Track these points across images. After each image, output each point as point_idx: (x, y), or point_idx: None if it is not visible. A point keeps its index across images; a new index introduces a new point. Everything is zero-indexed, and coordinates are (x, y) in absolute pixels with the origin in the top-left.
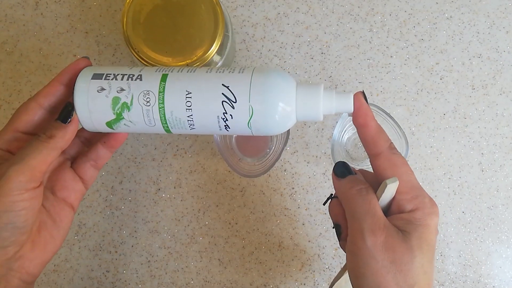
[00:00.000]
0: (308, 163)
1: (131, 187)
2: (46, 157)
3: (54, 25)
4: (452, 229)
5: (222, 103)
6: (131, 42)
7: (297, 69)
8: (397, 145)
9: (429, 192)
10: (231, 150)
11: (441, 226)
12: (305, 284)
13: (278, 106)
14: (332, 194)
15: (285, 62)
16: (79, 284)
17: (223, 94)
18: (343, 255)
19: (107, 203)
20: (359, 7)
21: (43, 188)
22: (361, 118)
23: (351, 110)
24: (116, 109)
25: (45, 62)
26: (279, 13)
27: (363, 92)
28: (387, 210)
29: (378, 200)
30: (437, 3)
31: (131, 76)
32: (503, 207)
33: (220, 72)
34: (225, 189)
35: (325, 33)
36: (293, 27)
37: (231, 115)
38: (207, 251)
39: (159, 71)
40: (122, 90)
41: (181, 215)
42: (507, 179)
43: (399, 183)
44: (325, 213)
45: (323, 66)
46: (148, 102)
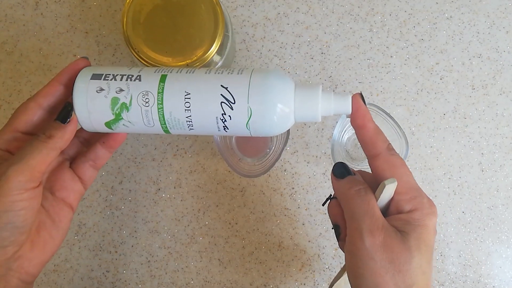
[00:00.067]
0: (308, 163)
1: (131, 187)
2: (45, 157)
3: (54, 25)
4: (452, 229)
5: (220, 104)
6: (131, 42)
7: (297, 69)
8: (397, 145)
9: (429, 192)
10: (231, 150)
11: (441, 226)
12: (305, 284)
13: (276, 107)
14: (331, 194)
15: (285, 62)
16: (79, 284)
17: (221, 95)
18: (343, 255)
19: (107, 203)
20: (359, 7)
21: (42, 188)
22: (359, 119)
23: (349, 111)
24: (115, 109)
25: (45, 62)
26: (279, 13)
27: (361, 93)
28: (386, 210)
29: (376, 200)
30: (437, 3)
31: (130, 76)
32: (503, 207)
33: (219, 73)
34: (225, 189)
35: (325, 33)
36: (293, 27)
37: (229, 116)
38: (207, 251)
39: (158, 72)
40: (121, 90)
41: (181, 215)
42: (507, 179)
43: (397, 184)
44: (325, 213)
45: (323, 66)
46: (147, 102)
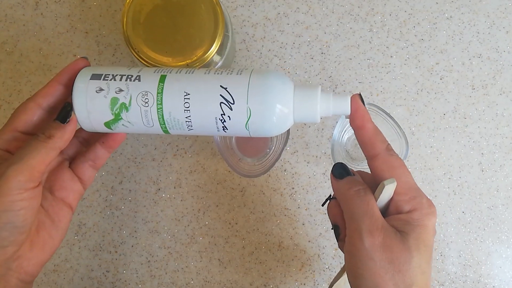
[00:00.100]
0: (308, 163)
1: (131, 187)
2: (45, 156)
3: (54, 25)
4: (452, 229)
5: (220, 105)
6: (131, 42)
7: (297, 69)
8: (397, 145)
9: (429, 192)
10: (231, 150)
11: (441, 226)
12: (305, 284)
13: (275, 107)
14: (330, 195)
15: (285, 62)
16: (79, 284)
17: (221, 95)
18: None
19: (107, 203)
20: (359, 7)
21: (42, 188)
22: (358, 120)
23: (348, 112)
24: (114, 109)
25: (45, 62)
26: (279, 13)
27: (359, 94)
28: (385, 211)
29: (376, 201)
30: (437, 3)
31: (130, 76)
32: (503, 207)
33: (218, 73)
34: (225, 189)
35: (325, 33)
36: (293, 27)
37: (229, 117)
38: (207, 251)
39: (158, 72)
40: (120, 90)
41: (181, 215)
42: (507, 179)
43: (396, 184)
44: (325, 213)
45: (323, 66)
46: (146, 103)
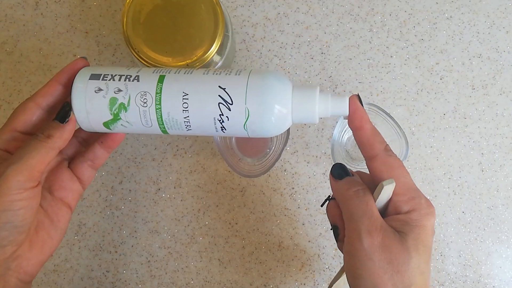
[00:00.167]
0: (308, 163)
1: (131, 187)
2: (44, 156)
3: (54, 25)
4: (452, 229)
5: (218, 105)
6: (131, 42)
7: (297, 69)
8: (397, 145)
9: (429, 192)
10: (231, 150)
11: (441, 226)
12: (305, 284)
13: (274, 108)
14: (329, 195)
15: (285, 62)
16: (79, 284)
17: (219, 96)
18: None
19: (107, 203)
20: (359, 7)
21: (41, 187)
22: (356, 121)
23: (347, 113)
24: (113, 109)
25: (45, 62)
26: (279, 13)
27: (358, 95)
28: (384, 211)
29: (375, 201)
30: (437, 3)
31: (129, 77)
32: (503, 207)
33: (217, 74)
34: (225, 189)
35: (325, 33)
36: (293, 27)
37: (227, 117)
38: (207, 251)
39: (157, 72)
40: (119, 90)
41: (181, 215)
42: (507, 179)
43: (395, 185)
44: (325, 213)
45: (323, 66)
46: (145, 103)
